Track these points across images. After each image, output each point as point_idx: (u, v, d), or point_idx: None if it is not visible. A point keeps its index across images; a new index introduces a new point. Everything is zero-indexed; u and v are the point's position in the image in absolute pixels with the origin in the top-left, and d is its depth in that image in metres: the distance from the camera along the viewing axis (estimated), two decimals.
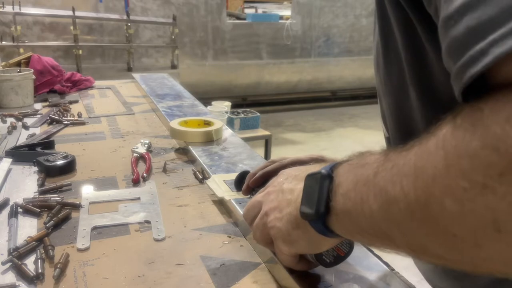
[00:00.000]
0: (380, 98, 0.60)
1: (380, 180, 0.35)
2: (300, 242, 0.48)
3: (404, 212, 0.33)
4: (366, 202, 0.37)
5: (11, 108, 1.36)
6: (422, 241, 0.33)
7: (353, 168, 0.40)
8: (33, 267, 0.57)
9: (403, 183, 0.33)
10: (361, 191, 0.37)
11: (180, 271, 0.58)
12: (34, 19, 3.93)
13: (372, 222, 0.37)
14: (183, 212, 0.75)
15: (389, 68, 0.53)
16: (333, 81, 5.70)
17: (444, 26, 0.32)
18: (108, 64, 4.25)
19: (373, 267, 0.56)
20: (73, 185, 0.83)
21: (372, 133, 4.82)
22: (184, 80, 3.92)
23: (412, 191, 0.32)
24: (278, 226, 0.50)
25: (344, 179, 0.40)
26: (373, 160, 0.38)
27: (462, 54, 0.30)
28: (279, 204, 0.50)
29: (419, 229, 0.32)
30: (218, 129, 1.09)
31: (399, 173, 0.33)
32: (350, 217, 0.39)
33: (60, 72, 1.60)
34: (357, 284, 0.52)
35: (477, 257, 0.30)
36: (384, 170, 0.35)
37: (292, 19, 5.16)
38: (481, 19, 0.28)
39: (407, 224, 0.33)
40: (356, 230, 0.39)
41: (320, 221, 0.42)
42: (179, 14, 4.46)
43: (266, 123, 4.33)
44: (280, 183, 0.53)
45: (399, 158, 0.34)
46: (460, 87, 0.30)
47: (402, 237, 0.34)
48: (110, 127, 1.21)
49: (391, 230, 0.35)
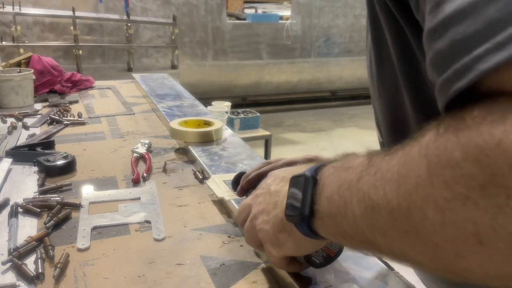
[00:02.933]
0: (374, 104, 0.60)
1: (363, 185, 0.35)
2: (287, 245, 0.48)
3: (386, 219, 0.32)
4: (349, 206, 0.36)
5: (11, 108, 1.37)
6: (404, 249, 0.33)
7: (337, 171, 0.40)
8: (33, 267, 0.57)
9: (386, 190, 0.32)
10: (344, 195, 0.37)
11: (180, 271, 0.58)
12: (34, 19, 3.93)
13: (356, 227, 0.36)
14: (183, 212, 0.75)
15: (382, 75, 0.53)
16: (333, 81, 5.70)
17: (429, 38, 0.32)
18: (108, 64, 4.25)
19: (373, 267, 0.56)
20: (73, 185, 0.83)
21: (372, 133, 4.80)
22: (184, 80, 3.92)
23: (395, 199, 0.31)
24: (265, 229, 0.50)
25: (328, 182, 0.40)
26: (357, 163, 0.38)
27: (447, 68, 0.29)
28: (267, 206, 0.50)
29: (401, 237, 0.32)
30: (218, 129, 1.09)
31: (382, 178, 0.33)
32: (335, 221, 0.39)
33: (60, 72, 1.60)
34: (356, 284, 0.53)
35: (458, 267, 0.29)
36: (367, 174, 0.35)
37: (292, 19, 5.16)
38: (466, 32, 0.28)
39: (389, 231, 0.33)
40: (340, 234, 0.39)
41: (305, 224, 0.42)
42: (179, 14, 4.46)
43: (266, 123, 4.33)
44: (268, 185, 0.52)
45: (383, 163, 0.34)
46: (444, 101, 0.30)
47: (385, 243, 0.34)
48: (110, 127, 1.21)
49: (374, 236, 0.35)
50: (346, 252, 0.55)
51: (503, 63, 0.26)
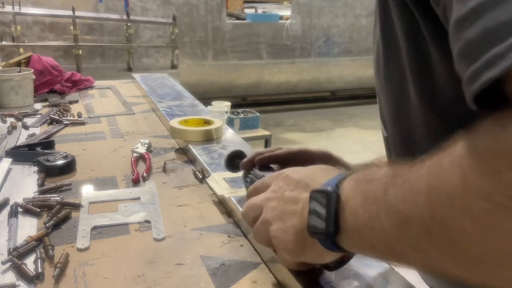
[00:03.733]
0: (379, 98, 0.59)
1: (390, 197, 0.34)
2: (306, 255, 0.47)
3: (419, 233, 0.32)
4: (376, 220, 0.36)
5: (11, 108, 1.36)
6: (439, 261, 0.32)
7: (360, 184, 0.39)
8: (33, 267, 0.57)
9: (416, 202, 0.31)
10: (370, 208, 0.36)
11: (180, 271, 0.58)
12: (34, 19, 3.93)
13: (385, 241, 0.36)
14: (183, 212, 0.75)
15: (390, 68, 0.52)
16: (333, 81, 5.70)
17: (457, 27, 0.30)
18: (108, 64, 4.25)
19: (373, 265, 0.56)
20: (73, 185, 0.83)
21: (372, 133, 4.82)
22: (184, 80, 3.92)
23: (427, 211, 0.31)
24: (281, 237, 0.48)
25: (351, 196, 0.39)
26: (380, 175, 0.37)
27: (477, 57, 0.28)
28: (282, 214, 0.49)
29: (437, 250, 0.31)
30: (218, 128, 1.09)
31: (411, 190, 0.32)
32: (361, 235, 0.38)
33: (60, 72, 1.60)
34: (357, 281, 0.52)
35: (498, 277, 0.29)
36: (393, 186, 0.34)
37: (292, 19, 5.16)
38: (499, 20, 0.27)
39: (423, 245, 0.32)
40: (367, 247, 0.39)
41: (329, 240, 0.41)
42: (179, 14, 4.46)
43: (266, 123, 4.33)
44: (281, 188, 0.51)
45: (410, 174, 0.33)
46: (473, 92, 0.28)
47: (417, 257, 0.33)
48: (110, 127, 1.21)
49: (405, 249, 0.34)
50: None
51: None
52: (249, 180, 0.67)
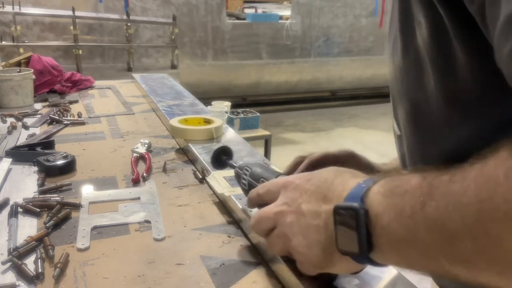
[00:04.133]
0: (393, 96, 0.58)
1: (431, 211, 0.33)
2: (333, 268, 0.46)
3: (469, 248, 0.30)
4: (415, 235, 0.34)
5: (11, 108, 1.36)
6: (491, 277, 0.31)
7: (389, 197, 0.38)
8: (33, 267, 0.57)
9: (463, 215, 0.30)
10: (406, 223, 0.35)
11: (180, 271, 0.58)
12: (34, 19, 3.93)
13: (427, 256, 0.34)
14: (183, 212, 0.75)
15: (407, 64, 0.51)
16: (332, 81, 5.70)
17: (508, 25, 0.29)
18: (108, 64, 4.25)
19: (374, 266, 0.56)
20: (73, 185, 0.83)
21: (372, 132, 4.83)
22: (184, 80, 3.92)
23: (478, 226, 0.29)
24: (305, 252, 0.47)
25: (382, 210, 0.38)
26: (413, 187, 0.35)
27: None
28: (303, 230, 0.47)
29: (489, 266, 0.30)
30: (218, 127, 1.09)
31: (456, 204, 0.31)
32: (397, 251, 0.37)
33: (60, 72, 1.60)
34: (357, 279, 0.52)
35: None
36: (432, 200, 0.33)
37: (291, 19, 5.16)
38: None
39: (473, 260, 0.31)
40: (405, 262, 0.38)
41: (364, 257, 0.40)
42: (179, 14, 4.46)
43: (266, 123, 4.33)
44: (295, 201, 0.48)
45: (451, 186, 0.32)
46: None
47: (467, 273, 0.32)
48: (110, 127, 1.21)
49: (454, 266, 0.33)
50: None
51: None
52: (246, 184, 0.65)
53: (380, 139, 4.24)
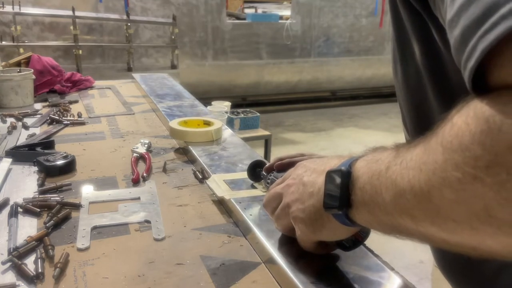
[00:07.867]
0: (399, 102, 0.63)
1: (391, 174, 0.39)
2: (323, 232, 0.51)
3: (411, 202, 0.36)
4: (379, 194, 0.40)
5: (11, 108, 1.36)
6: (429, 228, 0.36)
7: (368, 163, 0.44)
8: (33, 266, 0.57)
9: (409, 176, 0.36)
10: (375, 184, 0.41)
11: (180, 271, 0.58)
12: (34, 19, 3.93)
13: (387, 213, 0.40)
14: (183, 212, 0.75)
15: (407, 70, 0.56)
16: (333, 81, 5.70)
17: (449, 27, 0.35)
18: (108, 64, 4.25)
19: (373, 267, 0.56)
20: (73, 185, 0.83)
21: (372, 133, 4.83)
22: (184, 80, 3.92)
23: (417, 184, 0.35)
24: (301, 217, 0.53)
25: (361, 174, 0.44)
26: (385, 155, 0.41)
27: (463, 51, 0.33)
28: (301, 196, 0.53)
29: (425, 217, 0.36)
30: (218, 129, 1.09)
31: (407, 167, 0.37)
32: (368, 209, 0.42)
33: (60, 72, 1.60)
34: (357, 284, 0.52)
35: (475, 240, 0.33)
36: (394, 165, 0.39)
37: (291, 19, 5.16)
38: (471, 18, 0.32)
39: (415, 213, 0.37)
40: (375, 221, 0.43)
41: (343, 214, 0.46)
42: (179, 14, 4.46)
43: (266, 123, 4.33)
44: (300, 175, 0.55)
45: (407, 154, 0.38)
46: (466, 81, 0.33)
47: (413, 225, 0.38)
48: (110, 127, 1.21)
49: (403, 218, 0.38)
50: (346, 252, 0.55)
51: (497, 39, 0.29)
52: (270, 181, 0.71)
53: (380, 139, 4.24)
